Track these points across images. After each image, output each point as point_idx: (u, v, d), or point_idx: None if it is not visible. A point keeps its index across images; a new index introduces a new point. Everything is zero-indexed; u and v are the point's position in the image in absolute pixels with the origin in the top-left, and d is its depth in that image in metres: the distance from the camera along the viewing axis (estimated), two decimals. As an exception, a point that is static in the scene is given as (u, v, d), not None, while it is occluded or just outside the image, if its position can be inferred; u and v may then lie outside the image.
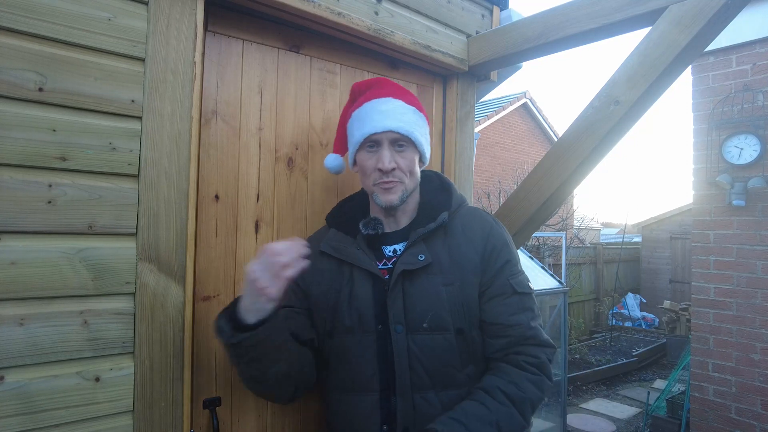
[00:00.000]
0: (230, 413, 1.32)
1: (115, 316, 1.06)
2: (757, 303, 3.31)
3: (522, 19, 1.65)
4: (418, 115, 1.27)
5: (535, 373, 1.17)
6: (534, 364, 1.17)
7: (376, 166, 1.21)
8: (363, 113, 1.25)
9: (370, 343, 1.20)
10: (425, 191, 1.33)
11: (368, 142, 1.23)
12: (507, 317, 1.20)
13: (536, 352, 1.19)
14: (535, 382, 1.16)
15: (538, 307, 1.26)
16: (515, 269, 1.25)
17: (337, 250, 1.26)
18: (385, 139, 1.21)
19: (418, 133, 1.24)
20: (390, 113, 1.22)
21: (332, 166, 1.38)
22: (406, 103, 1.25)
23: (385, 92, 1.26)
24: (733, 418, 3.40)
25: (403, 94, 1.28)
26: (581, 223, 11.67)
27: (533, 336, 1.19)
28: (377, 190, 1.23)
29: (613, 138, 1.47)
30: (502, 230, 1.29)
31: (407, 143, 1.23)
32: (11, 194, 0.95)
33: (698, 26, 1.24)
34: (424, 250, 1.20)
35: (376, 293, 1.21)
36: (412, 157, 1.24)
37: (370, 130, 1.21)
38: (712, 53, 3.56)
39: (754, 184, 3.26)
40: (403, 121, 1.22)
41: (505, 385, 1.14)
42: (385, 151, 1.21)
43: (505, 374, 1.17)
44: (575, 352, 7.06)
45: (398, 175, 1.22)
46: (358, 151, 1.26)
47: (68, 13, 1.01)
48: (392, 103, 1.24)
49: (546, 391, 1.18)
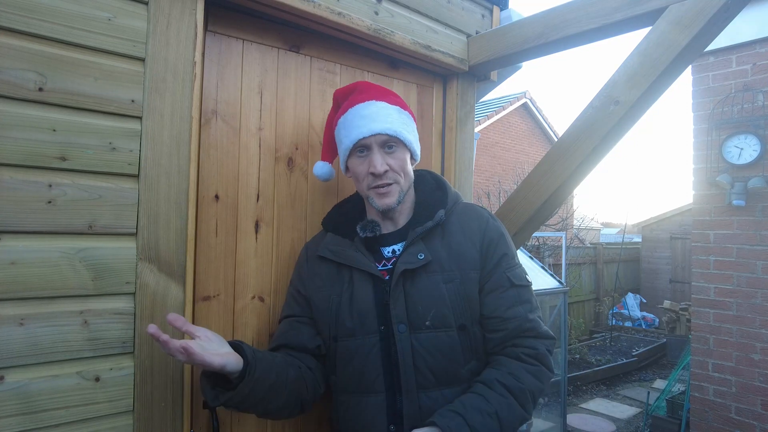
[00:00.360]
0: (230, 413, 1.32)
1: (115, 316, 1.06)
2: (757, 303, 3.31)
3: (522, 19, 1.65)
4: (403, 114, 1.27)
5: (533, 364, 1.17)
6: (532, 355, 1.18)
7: (368, 171, 1.22)
8: (348, 119, 1.24)
9: (373, 345, 1.20)
10: (420, 190, 1.34)
11: (358, 148, 1.23)
12: (504, 310, 1.20)
13: (534, 343, 1.19)
14: (533, 372, 1.17)
15: (536, 299, 1.27)
16: (512, 262, 1.26)
17: (336, 254, 1.26)
18: (374, 142, 1.21)
19: (405, 132, 1.24)
20: (375, 116, 1.22)
21: (320, 174, 1.38)
22: (389, 104, 1.25)
23: (367, 96, 1.26)
24: (733, 418, 3.40)
25: (385, 95, 1.27)
26: (581, 223, 11.67)
27: (531, 328, 1.20)
28: (373, 195, 1.24)
29: (613, 138, 1.47)
30: (498, 224, 1.30)
31: (396, 143, 1.23)
32: (11, 194, 0.95)
33: (698, 26, 1.24)
34: (423, 249, 1.21)
35: (377, 294, 1.22)
36: (403, 156, 1.25)
37: (358, 136, 1.21)
38: (712, 53, 3.56)
39: (754, 184, 3.26)
40: (389, 122, 1.22)
41: (503, 376, 1.15)
42: (375, 155, 1.21)
43: (503, 366, 1.18)
44: (575, 352, 7.06)
45: (392, 176, 1.22)
46: (349, 157, 1.26)
47: (68, 13, 1.01)
48: (376, 105, 1.24)
49: (545, 381, 1.19)
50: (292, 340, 1.26)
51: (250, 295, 1.37)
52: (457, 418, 1.07)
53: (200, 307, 1.27)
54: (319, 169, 1.38)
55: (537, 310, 1.25)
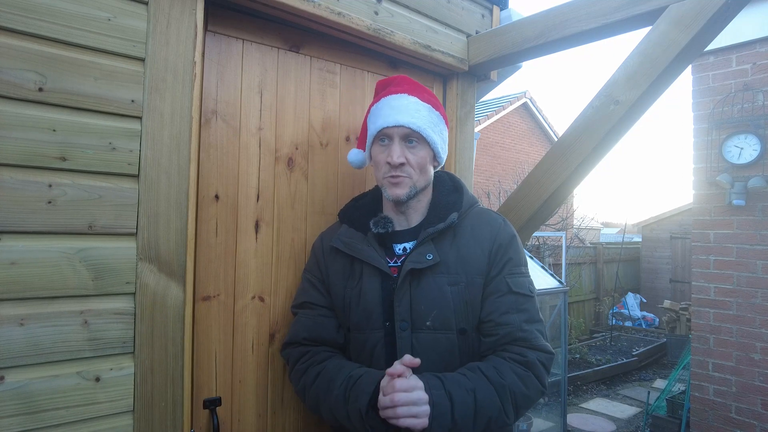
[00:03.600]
0: (230, 413, 1.32)
1: (116, 316, 1.06)
2: (757, 302, 3.31)
3: (522, 19, 1.64)
4: (433, 113, 1.27)
5: (520, 369, 1.14)
6: (519, 361, 1.15)
7: (386, 160, 1.23)
8: (378, 108, 1.27)
9: (378, 340, 1.21)
10: (437, 192, 1.34)
11: (381, 136, 1.25)
12: (498, 315, 1.19)
13: (524, 351, 1.16)
14: (519, 374, 1.13)
15: (539, 312, 1.24)
16: (516, 269, 1.24)
17: (348, 246, 1.27)
18: (396, 133, 1.23)
19: (431, 131, 1.25)
20: (402, 108, 1.23)
21: (354, 161, 1.39)
22: (421, 100, 1.26)
23: (401, 89, 1.27)
24: (733, 417, 3.40)
25: (419, 91, 1.28)
26: (581, 223, 11.66)
27: (524, 338, 1.17)
28: (386, 184, 1.25)
29: (613, 138, 1.47)
30: (510, 230, 1.29)
31: (419, 140, 1.24)
32: (11, 194, 0.95)
33: (698, 26, 1.24)
34: (432, 250, 1.21)
35: (384, 291, 1.22)
36: (423, 154, 1.25)
37: (382, 124, 1.23)
38: (712, 53, 3.55)
39: (754, 183, 3.26)
40: (415, 117, 1.22)
41: (486, 367, 1.14)
42: (395, 146, 1.22)
43: (488, 360, 1.17)
44: (575, 351, 7.06)
45: (407, 171, 1.23)
46: (372, 144, 1.29)
47: (68, 13, 1.00)
48: (406, 99, 1.25)
49: (531, 388, 1.14)
50: (322, 334, 1.28)
51: (250, 295, 1.37)
52: (436, 381, 1.09)
53: (200, 307, 1.27)
54: (352, 156, 1.39)
55: (537, 323, 1.21)
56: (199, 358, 1.26)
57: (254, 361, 1.37)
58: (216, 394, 1.29)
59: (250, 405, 1.36)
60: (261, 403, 1.38)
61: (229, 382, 1.32)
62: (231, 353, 1.33)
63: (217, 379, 1.30)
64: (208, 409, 1.26)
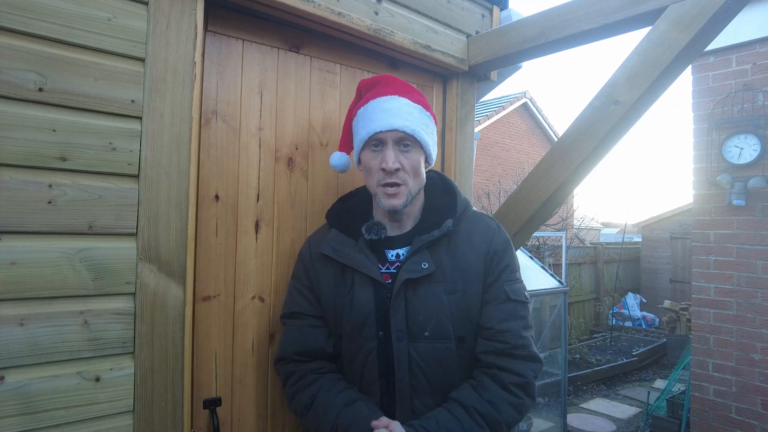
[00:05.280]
0: (230, 413, 1.32)
1: (116, 316, 1.06)
2: (757, 303, 3.31)
3: (522, 19, 1.65)
4: (424, 114, 1.24)
5: (517, 395, 1.14)
6: (519, 384, 1.15)
7: (380, 166, 1.19)
8: (368, 111, 1.22)
9: (371, 350, 1.20)
10: (429, 194, 1.31)
11: (373, 141, 1.20)
12: (498, 322, 1.18)
13: (523, 369, 1.16)
14: (515, 405, 1.14)
15: (531, 318, 1.24)
16: (513, 276, 1.24)
17: (338, 253, 1.24)
18: (390, 138, 1.18)
19: (424, 133, 1.22)
20: (395, 112, 1.19)
21: (337, 165, 1.36)
22: (412, 102, 1.23)
23: (391, 90, 1.23)
24: (734, 417, 3.40)
25: (409, 92, 1.25)
26: (581, 223, 11.66)
27: (523, 345, 1.17)
28: (380, 193, 1.21)
29: (613, 138, 1.47)
30: (505, 235, 1.28)
31: (413, 143, 1.20)
32: (11, 194, 0.95)
33: (698, 26, 1.24)
34: (427, 258, 1.19)
35: (377, 299, 1.20)
36: (417, 157, 1.22)
37: (375, 129, 1.18)
38: (712, 53, 3.55)
39: (754, 183, 3.26)
40: (408, 120, 1.19)
41: (482, 405, 1.12)
42: (389, 151, 1.18)
43: (486, 392, 1.14)
44: (575, 351, 7.06)
45: (402, 176, 1.19)
46: (363, 149, 1.24)
47: (68, 13, 1.01)
48: (398, 101, 1.21)
49: (524, 413, 1.17)
50: (312, 345, 1.25)
51: (250, 295, 1.37)
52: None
53: (200, 307, 1.27)
54: (336, 160, 1.35)
55: (530, 329, 1.22)
56: (199, 358, 1.26)
57: (254, 361, 1.37)
58: (216, 395, 1.29)
59: (250, 405, 1.36)
60: (261, 404, 1.38)
61: (229, 383, 1.32)
62: (231, 353, 1.33)
63: (217, 380, 1.30)
64: (208, 409, 1.26)
